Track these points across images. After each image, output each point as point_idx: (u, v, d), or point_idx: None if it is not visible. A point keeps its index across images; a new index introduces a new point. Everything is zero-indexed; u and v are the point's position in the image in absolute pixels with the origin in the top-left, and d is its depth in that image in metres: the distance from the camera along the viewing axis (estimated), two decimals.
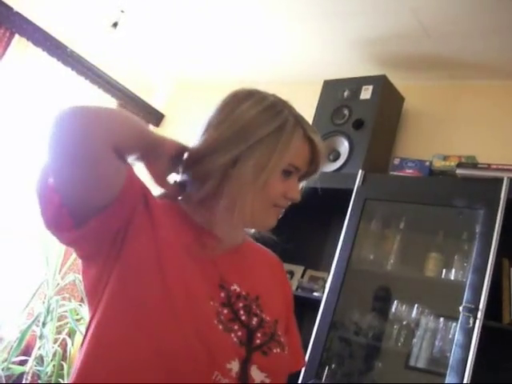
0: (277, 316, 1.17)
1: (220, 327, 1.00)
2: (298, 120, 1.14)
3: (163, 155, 1.09)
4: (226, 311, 1.04)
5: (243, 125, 1.09)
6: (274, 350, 1.09)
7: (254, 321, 1.09)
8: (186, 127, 4.65)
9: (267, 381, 1.05)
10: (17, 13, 3.37)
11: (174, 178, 1.16)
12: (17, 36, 3.44)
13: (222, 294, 1.06)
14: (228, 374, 0.99)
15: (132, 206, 1.03)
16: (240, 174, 1.07)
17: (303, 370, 2.59)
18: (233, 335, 1.02)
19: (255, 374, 1.03)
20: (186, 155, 1.13)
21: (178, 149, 1.12)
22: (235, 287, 1.10)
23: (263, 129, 1.09)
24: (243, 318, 1.06)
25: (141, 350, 0.97)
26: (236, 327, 1.04)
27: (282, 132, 1.09)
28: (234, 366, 1.00)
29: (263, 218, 1.13)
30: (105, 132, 0.96)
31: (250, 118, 1.09)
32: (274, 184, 1.10)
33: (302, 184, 1.20)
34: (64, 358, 3.42)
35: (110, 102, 4.05)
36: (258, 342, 1.06)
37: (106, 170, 0.97)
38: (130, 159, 1.05)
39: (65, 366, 3.40)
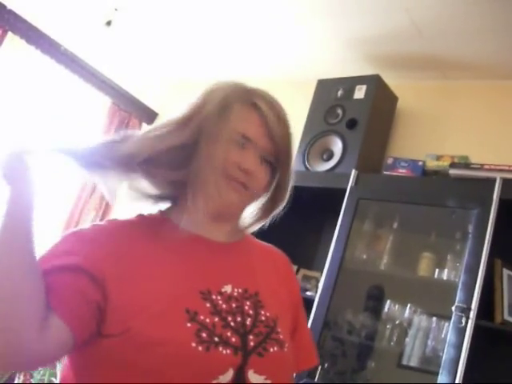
0: (278, 312, 1.14)
1: (200, 348, 0.96)
2: (246, 90, 1.14)
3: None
4: (216, 319, 1.02)
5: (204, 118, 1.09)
6: (271, 350, 1.05)
7: (248, 321, 1.06)
8: None
9: (268, 382, 1.02)
10: (10, 11, 3.35)
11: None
12: (10, 34, 3.41)
13: (208, 304, 1.03)
14: None
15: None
16: (198, 159, 1.08)
17: None
18: (221, 348, 0.98)
19: (253, 378, 1.00)
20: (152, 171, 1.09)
21: None
22: (226, 289, 1.08)
23: (211, 111, 1.09)
24: (232, 324, 1.03)
25: None
26: (229, 334, 1.01)
27: (226, 104, 1.10)
28: (223, 379, 0.97)
29: (217, 191, 1.08)
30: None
31: (207, 110, 1.10)
32: (227, 154, 1.08)
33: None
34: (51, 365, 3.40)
35: (103, 101, 4.04)
36: (251, 344, 1.03)
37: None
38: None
39: (57, 365, 3.39)
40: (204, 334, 0.98)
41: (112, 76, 4.01)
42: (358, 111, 3.05)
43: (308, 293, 2.90)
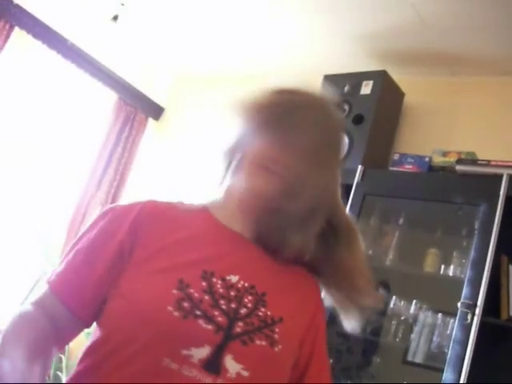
0: (283, 315, 1.10)
1: (176, 314, 0.99)
2: None
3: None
4: (207, 297, 1.03)
5: None
6: (258, 342, 1.02)
7: (243, 310, 1.05)
8: (186, 121, 4.66)
9: (245, 374, 1.00)
10: (17, 5, 3.36)
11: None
12: (17, 29, 3.42)
13: (204, 283, 1.05)
14: (185, 360, 0.97)
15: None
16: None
17: None
18: (201, 321, 0.99)
19: (230, 364, 0.99)
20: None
21: None
22: (231, 278, 1.08)
23: None
24: (223, 306, 1.03)
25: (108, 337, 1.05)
26: (216, 313, 1.02)
27: None
28: (197, 353, 0.97)
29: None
30: None
31: None
32: None
33: None
34: (62, 350, 3.42)
35: (109, 96, 4.05)
36: (237, 330, 1.02)
37: None
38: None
39: (63, 359, 3.41)
40: (186, 304, 1.00)
41: (118, 71, 4.01)
42: (365, 107, 3.04)
43: None
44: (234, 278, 1.09)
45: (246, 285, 1.10)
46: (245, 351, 1.01)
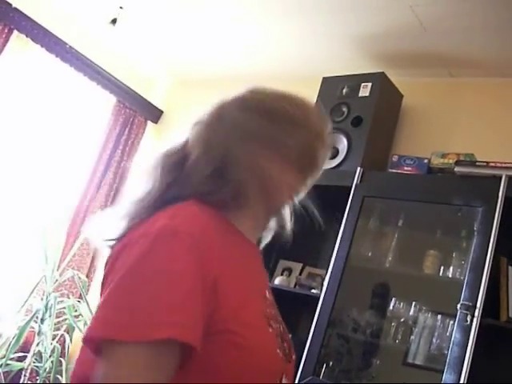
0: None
1: (281, 354, 1.00)
2: None
3: None
4: (274, 325, 1.02)
5: None
6: (293, 356, 1.09)
7: (281, 328, 1.06)
8: (185, 123, 4.65)
9: None
10: (16, 9, 3.36)
11: None
12: (15, 32, 3.42)
13: (268, 310, 1.03)
14: None
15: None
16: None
17: (301, 366, 2.60)
18: (281, 354, 1.01)
19: (284, 382, 1.03)
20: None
21: None
22: (266, 293, 1.08)
23: None
24: (276, 330, 1.02)
25: None
26: (278, 340, 1.02)
27: None
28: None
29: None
30: None
31: None
32: None
33: None
34: (62, 354, 3.41)
35: (108, 99, 4.05)
36: (287, 351, 1.04)
37: None
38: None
39: (63, 363, 3.40)
40: (279, 340, 1.01)
41: (117, 74, 4.01)
42: (363, 109, 3.05)
43: (313, 290, 2.91)
44: (267, 293, 1.09)
45: (271, 300, 1.10)
46: (290, 367, 1.06)
